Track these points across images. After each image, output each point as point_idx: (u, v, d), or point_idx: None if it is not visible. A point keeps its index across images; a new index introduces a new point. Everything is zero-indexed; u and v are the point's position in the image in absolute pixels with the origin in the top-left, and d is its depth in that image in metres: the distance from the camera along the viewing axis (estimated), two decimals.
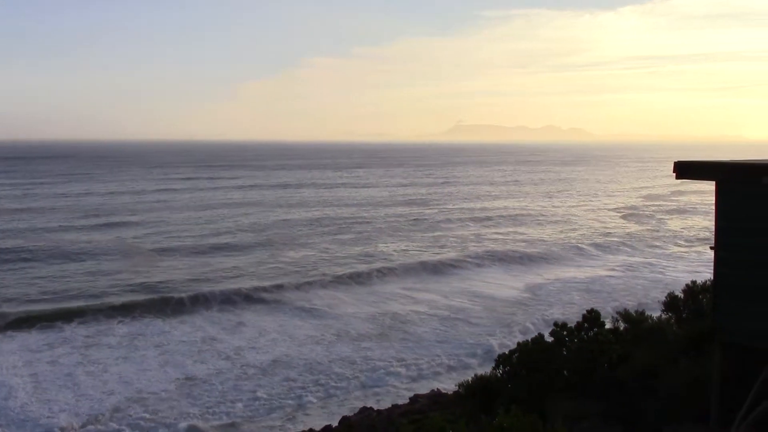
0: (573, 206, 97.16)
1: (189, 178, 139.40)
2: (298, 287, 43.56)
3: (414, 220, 78.07)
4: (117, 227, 68.65)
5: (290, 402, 25.82)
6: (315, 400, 26.13)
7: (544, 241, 64.33)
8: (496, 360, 17.07)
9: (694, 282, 18.86)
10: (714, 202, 11.00)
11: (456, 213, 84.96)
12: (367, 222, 75.34)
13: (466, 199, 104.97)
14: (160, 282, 44.51)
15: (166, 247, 57.32)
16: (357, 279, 46.29)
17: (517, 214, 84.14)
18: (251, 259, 53.32)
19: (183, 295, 40.82)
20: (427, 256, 54.99)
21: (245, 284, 44.10)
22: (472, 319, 37.45)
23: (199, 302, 39.59)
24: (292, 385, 27.40)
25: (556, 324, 16.73)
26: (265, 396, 26.23)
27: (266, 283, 44.42)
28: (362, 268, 49.88)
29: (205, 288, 42.85)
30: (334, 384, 27.71)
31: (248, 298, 40.71)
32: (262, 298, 41.00)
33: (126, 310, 37.58)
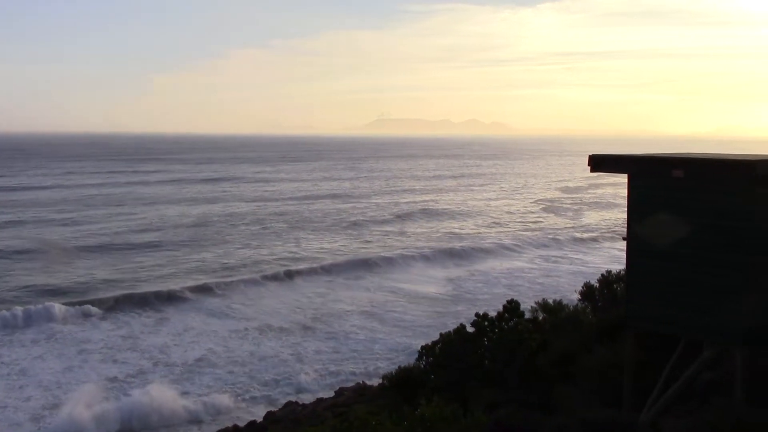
0: (494, 199, 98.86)
1: (107, 172, 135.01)
2: (221, 284, 42.91)
3: (338, 214, 78.01)
4: (32, 224, 66.29)
5: (215, 399, 25.47)
6: (239, 397, 25.87)
7: (467, 235, 65.29)
8: (419, 351, 17.30)
9: (609, 272, 19.50)
10: (627, 194, 11.39)
11: (380, 208, 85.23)
12: (292, 217, 74.83)
13: (390, 193, 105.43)
14: (79, 280, 43.27)
15: (84, 245, 55.62)
16: (281, 275, 45.75)
17: (440, 208, 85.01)
18: (173, 255, 52.33)
19: (103, 293, 39.81)
20: (353, 252, 55.04)
21: (168, 281, 43.35)
22: (396, 313, 37.75)
23: (120, 300, 38.50)
24: (217, 383, 27.09)
25: (477, 315, 17.04)
26: (189, 395, 25.82)
27: (189, 280, 43.73)
28: (287, 263, 49.59)
29: (127, 285, 41.90)
30: (259, 380, 27.52)
31: (171, 296, 39.84)
32: (185, 296, 40.19)
33: (43, 310, 36.20)
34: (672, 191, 10.56)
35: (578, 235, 66.13)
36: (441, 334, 17.15)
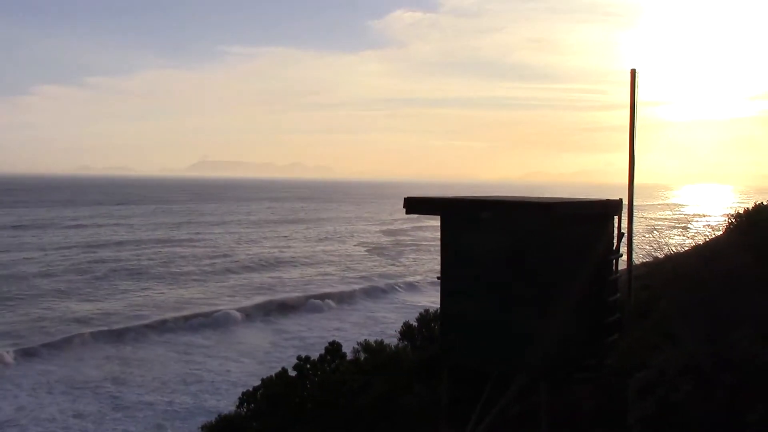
0: (319, 243, 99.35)
1: None
2: (23, 345, 39.30)
3: (152, 261, 74.89)
4: None
5: None
6: None
7: (291, 280, 65.02)
8: (239, 398, 16.94)
9: (426, 311, 20.07)
10: (440, 235, 11.84)
11: (199, 256, 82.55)
12: (103, 266, 70.13)
13: (210, 239, 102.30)
14: None
15: None
16: (94, 333, 42.22)
17: (264, 255, 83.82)
18: None
19: None
20: (169, 305, 52.45)
21: None
22: (216, 367, 36.76)
23: None
24: None
25: (299, 358, 16.97)
26: None
27: None
28: (97, 321, 45.69)
29: None
30: None
31: None
32: None
33: None
34: (479, 232, 11.08)
35: (401, 276, 67.87)
36: (262, 379, 16.89)
